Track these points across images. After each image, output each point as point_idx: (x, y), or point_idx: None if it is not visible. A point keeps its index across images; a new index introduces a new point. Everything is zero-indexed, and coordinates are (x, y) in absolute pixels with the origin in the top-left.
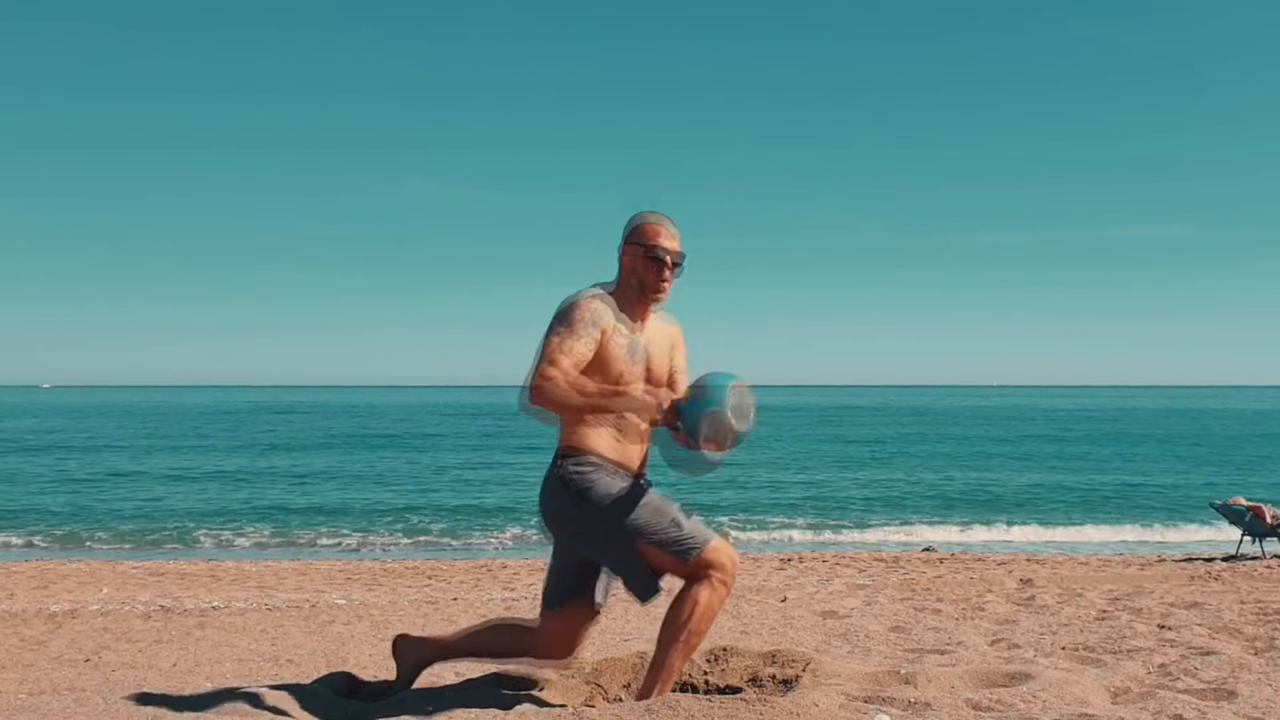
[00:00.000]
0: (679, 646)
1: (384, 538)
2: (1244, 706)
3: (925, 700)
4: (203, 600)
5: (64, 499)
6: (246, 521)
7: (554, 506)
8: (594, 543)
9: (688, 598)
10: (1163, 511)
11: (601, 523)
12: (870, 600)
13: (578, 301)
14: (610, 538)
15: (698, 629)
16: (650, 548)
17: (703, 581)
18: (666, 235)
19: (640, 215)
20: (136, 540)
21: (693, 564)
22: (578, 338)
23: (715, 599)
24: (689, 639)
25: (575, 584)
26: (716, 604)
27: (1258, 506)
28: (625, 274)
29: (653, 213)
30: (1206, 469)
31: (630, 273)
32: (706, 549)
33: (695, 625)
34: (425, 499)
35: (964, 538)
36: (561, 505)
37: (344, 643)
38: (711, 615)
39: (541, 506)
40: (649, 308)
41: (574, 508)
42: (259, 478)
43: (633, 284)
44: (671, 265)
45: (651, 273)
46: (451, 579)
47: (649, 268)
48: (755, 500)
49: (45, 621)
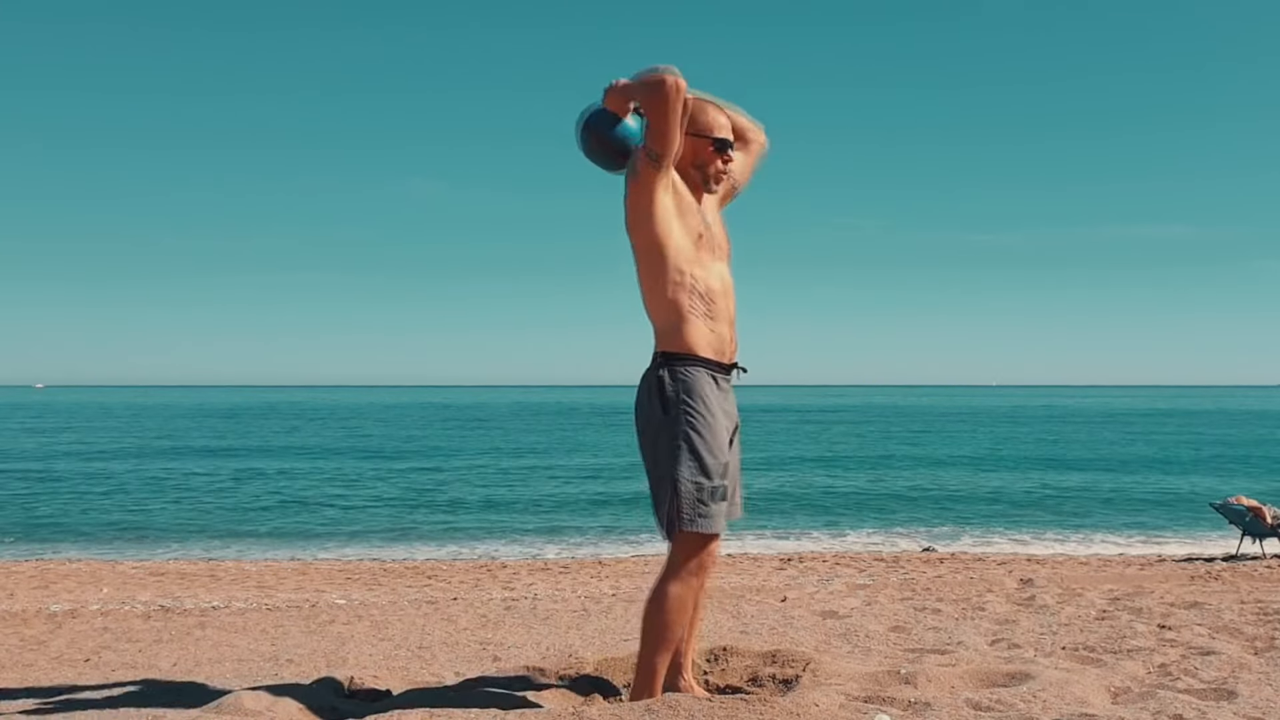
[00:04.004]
0: (655, 643)
1: (384, 537)
2: (1244, 706)
3: (925, 700)
4: (203, 600)
5: (63, 498)
6: (246, 521)
7: (643, 408)
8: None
9: (657, 592)
10: (1163, 511)
11: (674, 438)
12: (870, 600)
13: None
14: (668, 456)
15: (670, 622)
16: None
17: (674, 575)
18: (726, 118)
19: (697, 95)
20: (135, 540)
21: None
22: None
23: (686, 591)
24: (664, 633)
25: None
26: (689, 596)
27: (1258, 506)
28: (686, 161)
29: (701, 92)
30: (1206, 469)
31: (690, 162)
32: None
33: (668, 618)
34: (426, 499)
35: (964, 538)
36: (651, 408)
37: (344, 643)
38: (682, 607)
39: (636, 409)
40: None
41: (661, 413)
42: (259, 477)
43: (694, 169)
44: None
45: (716, 162)
46: (451, 579)
47: (714, 156)
48: (755, 500)
49: (45, 621)
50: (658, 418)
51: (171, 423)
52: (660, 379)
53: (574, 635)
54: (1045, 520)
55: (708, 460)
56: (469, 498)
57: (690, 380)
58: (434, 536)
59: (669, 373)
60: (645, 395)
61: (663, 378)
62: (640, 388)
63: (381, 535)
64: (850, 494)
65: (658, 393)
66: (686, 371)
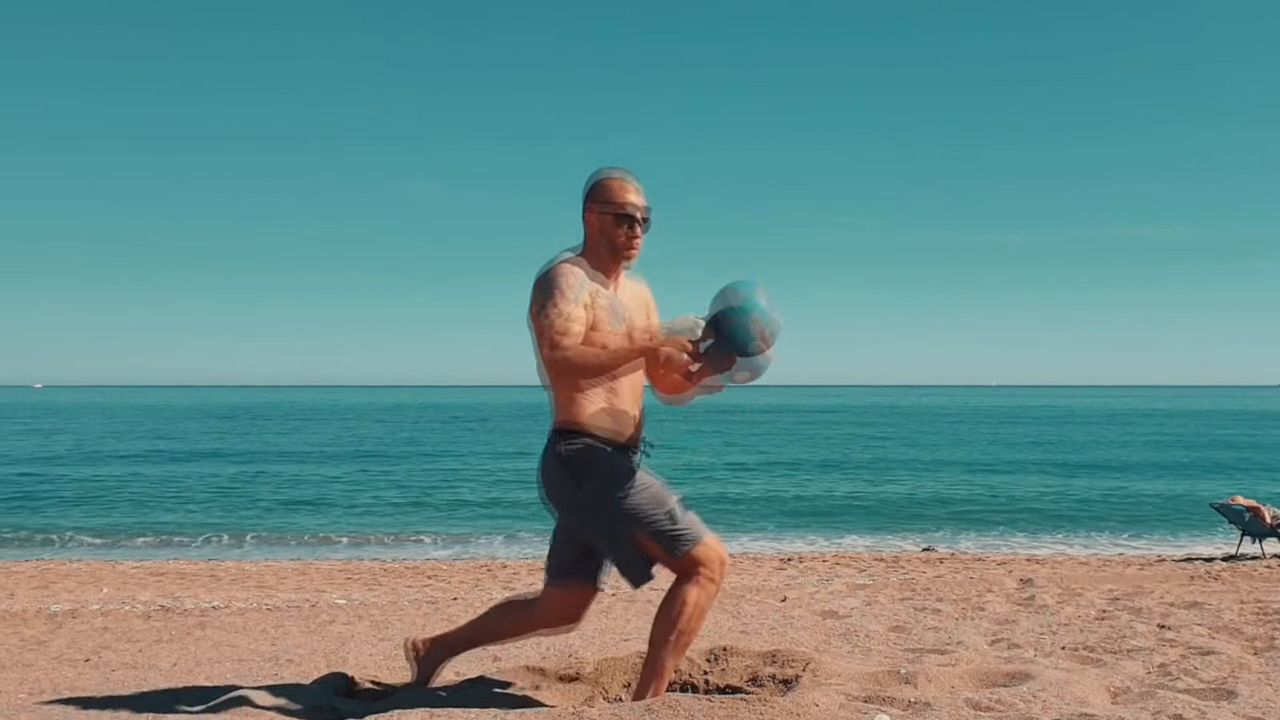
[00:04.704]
0: (670, 646)
1: (384, 538)
2: (1244, 706)
3: (925, 700)
4: (203, 600)
5: (63, 499)
6: (246, 521)
7: (552, 486)
8: (590, 524)
9: (676, 597)
10: (1162, 511)
11: (599, 505)
12: (870, 600)
13: (558, 269)
14: (607, 521)
15: (688, 628)
16: (644, 536)
17: (691, 580)
18: (633, 191)
19: (601, 172)
20: (136, 540)
21: (682, 559)
22: (572, 303)
23: (704, 597)
24: (679, 638)
25: (579, 560)
26: (705, 602)
27: (1257, 506)
28: (593, 236)
29: (614, 168)
30: (1206, 469)
31: (599, 234)
32: (697, 545)
33: (685, 624)
34: (426, 499)
35: (964, 538)
36: (560, 485)
37: (344, 643)
38: (701, 614)
39: (541, 485)
40: (620, 268)
41: (572, 488)
42: (259, 477)
43: (603, 245)
44: (641, 222)
45: (622, 233)
46: (451, 579)
47: (619, 228)
48: (754, 499)
49: (45, 621)
50: (571, 493)
51: (171, 423)
52: (561, 456)
53: (574, 635)
54: (1045, 520)
55: (646, 496)
56: (469, 498)
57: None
58: (434, 536)
59: (568, 447)
60: (549, 473)
61: (562, 455)
62: (543, 464)
63: (382, 535)
64: (850, 494)
65: (564, 469)
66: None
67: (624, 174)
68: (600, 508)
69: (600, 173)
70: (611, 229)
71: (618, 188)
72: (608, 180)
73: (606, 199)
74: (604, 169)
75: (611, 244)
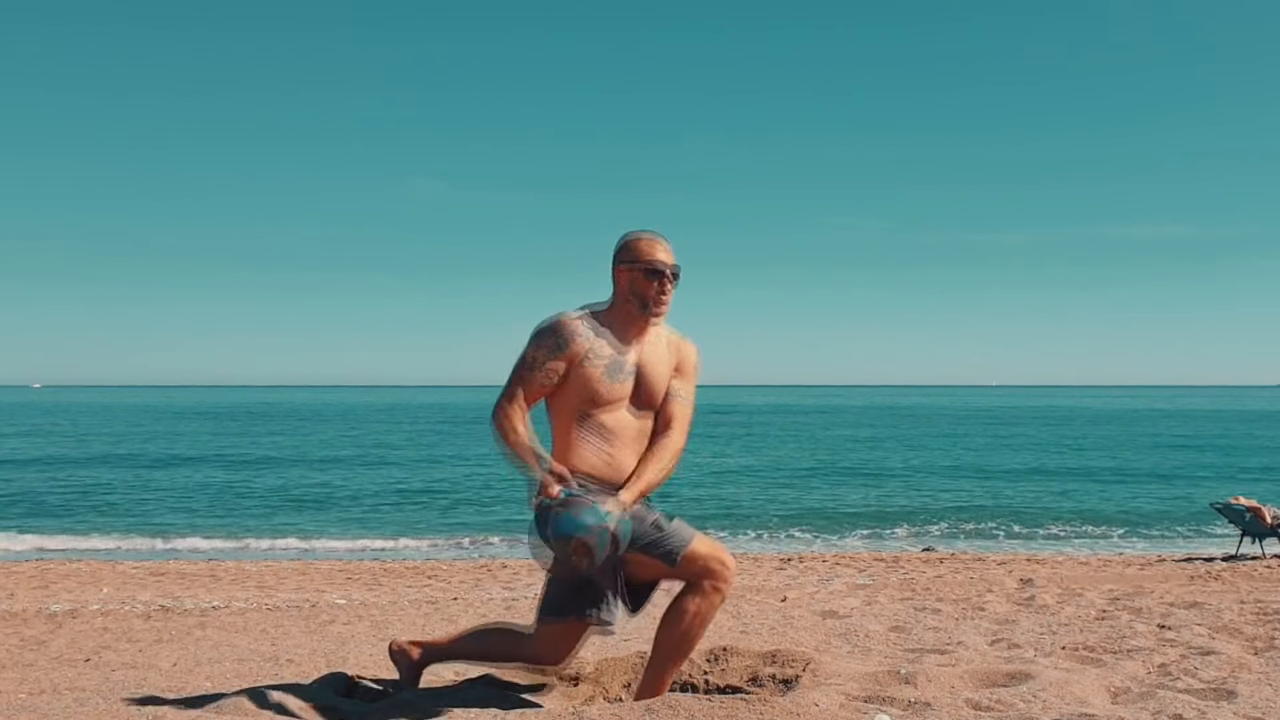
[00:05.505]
0: (673, 653)
1: (384, 538)
2: (1244, 706)
3: (925, 700)
4: (203, 600)
5: (62, 499)
6: (246, 521)
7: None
8: None
9: (681, 607)
10: (1162, 511)
11: None
12: (870, 600)
13: (554, 323)
14: None
15: (691, 634)
16: (636, 554)
17: (697, 590)
18: (662, 249)
19: (632, 234)
20: (135, 539)
21: (683, 566)
22: (540, 369)
23: (708, 606)
24: (683, 644)
25: (572, 600)
26: (709, 610)
27: (1257, 506)
28: (622, 293)
29: (645, 230)
30: (1206, 469)
31: (628, 291)
32: (693, 548)
33: (689, 631)
34: (426, 499)
35: (964, 538)
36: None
37: (344, 643)
38: (704, 622)
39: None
40: (648, 325)
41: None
42: (258, 477)
43: (633, 302)
44: (671, 278)
45: (651, 288)
46: (451, 579)
47: (648, 283)
48: (755, 500)
49: (45, 621)
50: None
51: (171, 422)
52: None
53: None
54: (1045, 520)
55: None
56: (470, 498)
57: None
58: (434, 536)
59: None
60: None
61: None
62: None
63: (382, 535)
64: (850, 494)
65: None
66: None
67: (654, 235)
68: None
69: (631, 234)
70: (642, 284)
71: (647, 246)
72: (637, 240)
73: (635, 256)
74: (636, 231)
75: (641, 299)
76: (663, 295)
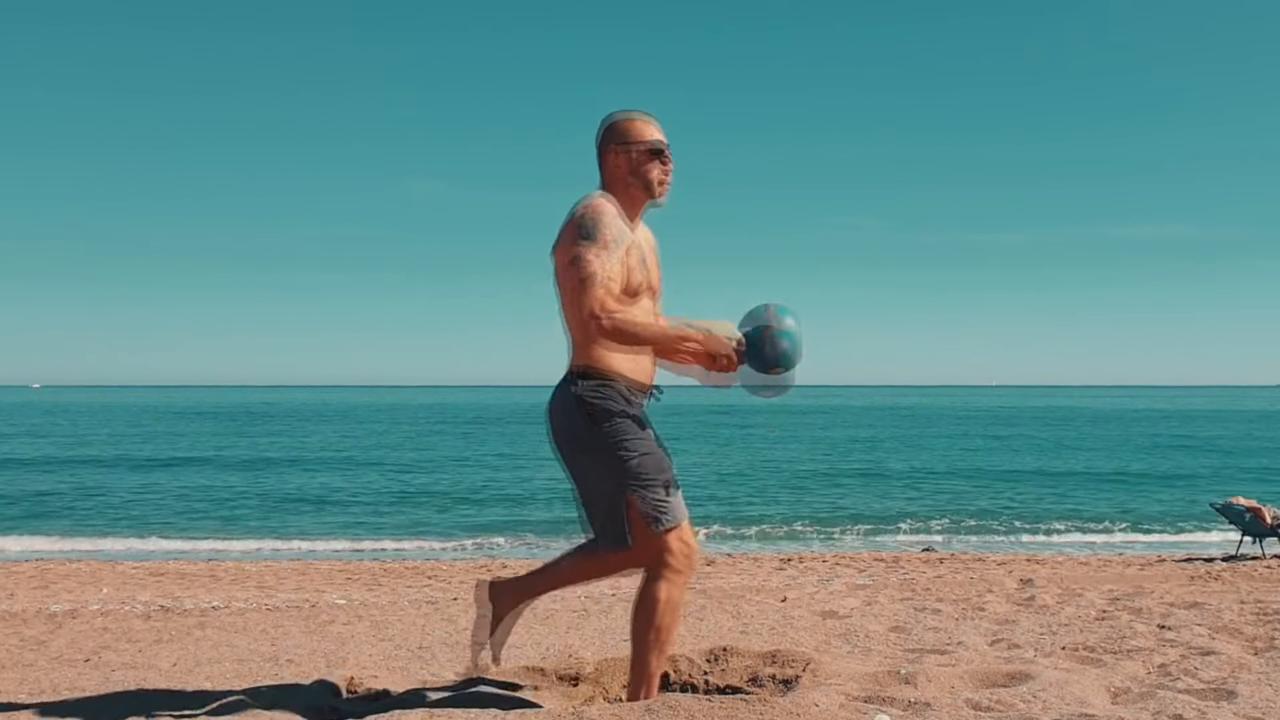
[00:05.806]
0: (651, 645)
1: (384, 538)
2: (1244, 706)
3: (925, 700)
4: (203, 600)
5: (62, 499)
6: (246, 521)
7: (565, 425)
8: (589, 471)
9: (647, 596)
10: (1162, 511)
11: (606, 453)
12: (870, 600)
13: (601, 213)
14: (608, 472)
15: (665, 624)
16: (636, 499)
17: (659, 577)
18: (656, 127)
19: (620, 114)
20: (136, 540)
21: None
22: (614, 258)
23: (674, 591)
24: (659, 636)
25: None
26: (677, 596)
27: (1257, 507)
28: (620, 178)
29: (632, 110)
30: (1206, 469)
31: (629, 174)
32: (672, 532)
33: (661, 621)
34: (426, 498)
35: (964, 538)
36: (574, 425)
37: (344, 643)
38: (675, 608)
39: (552, 424)
40: (642, 211)
41: (586, 430)
42: (258, 477)
43: (634, 185)
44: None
45: (656, 167)
46: (451, 579)
47: (652, 162)
48: (754, 500)
49: (45, 621)
50: (583, 434)
51: (171, 423)
52: (579, 397)
53: (574, 635)
54: (1045, 520)
55: (650, 460)
56: (470, 497)
57: (609, 393)
58: (435, 536)
59: (587, 388)
60: (563, 412)
61: (581, 395)
62: (555, 404)
63: (382, 535)
64: (850, 494)
65: (580, 409)
66: (604, 388)
67: (643, 112)
68: (607, 455)
69: (618, 115)
70: (645, 165)
71: (641, 125)
72: (629, 120)
73: (634, 137)
74: (620, 111)
75: (645, 181)
76: (668, 173)
